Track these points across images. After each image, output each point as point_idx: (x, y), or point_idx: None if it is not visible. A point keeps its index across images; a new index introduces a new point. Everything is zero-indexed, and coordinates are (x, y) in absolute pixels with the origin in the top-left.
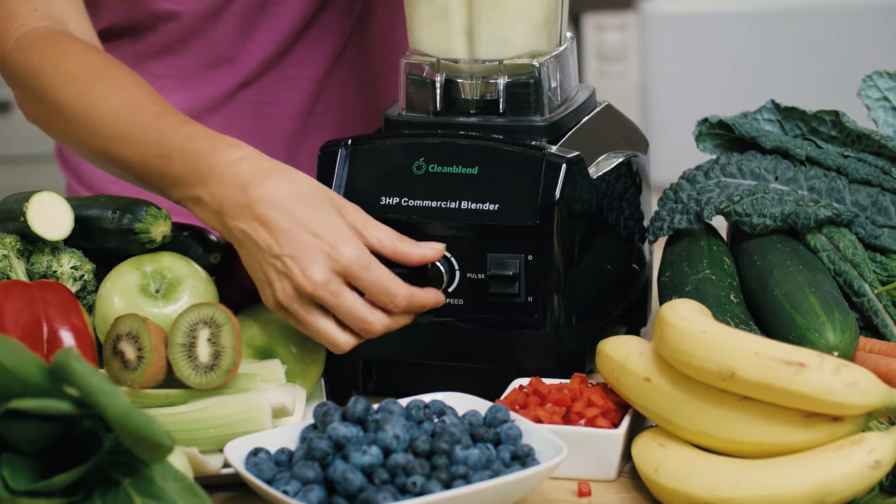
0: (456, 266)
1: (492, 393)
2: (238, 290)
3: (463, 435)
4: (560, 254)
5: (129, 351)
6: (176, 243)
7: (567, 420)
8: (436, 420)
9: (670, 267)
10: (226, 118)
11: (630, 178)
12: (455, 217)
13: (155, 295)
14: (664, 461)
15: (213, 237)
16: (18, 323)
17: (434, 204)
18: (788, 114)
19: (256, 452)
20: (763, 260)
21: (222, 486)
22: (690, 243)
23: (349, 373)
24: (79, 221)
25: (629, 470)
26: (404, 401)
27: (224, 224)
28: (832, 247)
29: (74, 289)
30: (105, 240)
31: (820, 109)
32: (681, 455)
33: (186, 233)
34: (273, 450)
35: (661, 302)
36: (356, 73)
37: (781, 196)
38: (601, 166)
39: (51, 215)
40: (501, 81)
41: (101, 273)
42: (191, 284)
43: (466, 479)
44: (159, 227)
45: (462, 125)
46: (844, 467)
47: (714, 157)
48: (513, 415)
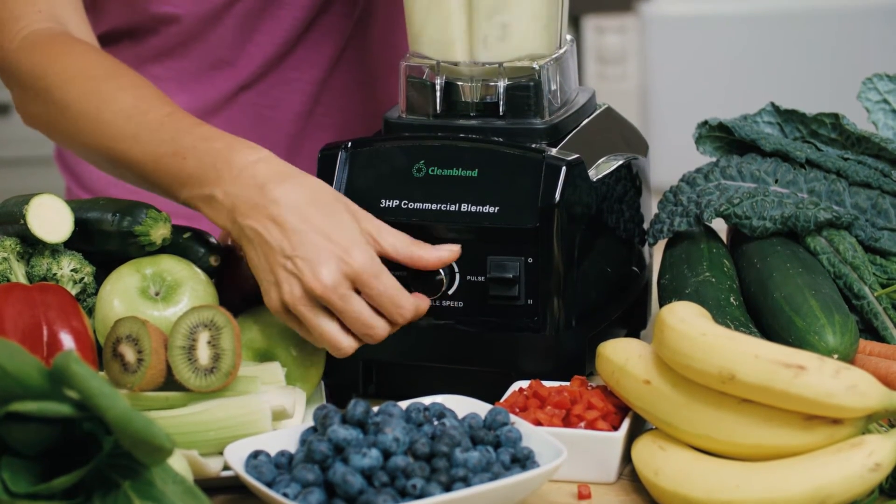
0: (456, 269)
1: (492, 395)
2: (238, 293)
3: (463, 437)
4: (560, 256)
5: (129, 353)
6: (176, 246)
7: (567, 423)
8: (436, 423)
9: (670, 269)
10: (226, 120)
11: (630, 181)
12: (455, 220)
13: (155, 297)
14: (664, 464)
15: (214, 240)
16: (18, 325)
17: (434, 206)
18: (788, 116)
19: (256, 455)
20: (763, 262)
21: (222, 489)
22: (690, 246)
23: (349, 375)
24: (79, 224)
25: (629, 472)
26: (404, 403)
27: (235, 222)
28: (832, 249)
29: (74, 291)
30: (105, 242)
31: (820, 112)
32: (681, 458)
33: (186, 235)
34: (273, 452)
35: (661, 304)
36: (356, 76)
37: (781, 199)
38: (601, 169)
39: (51, 218)
40: (501, 84)
41: (101, 276)
42: (191, 287)
43: (466, 482)
44: (159, 230)
45: (462, 128)
46: (844, 470)
47: (714, 160)
48: (513, 417)
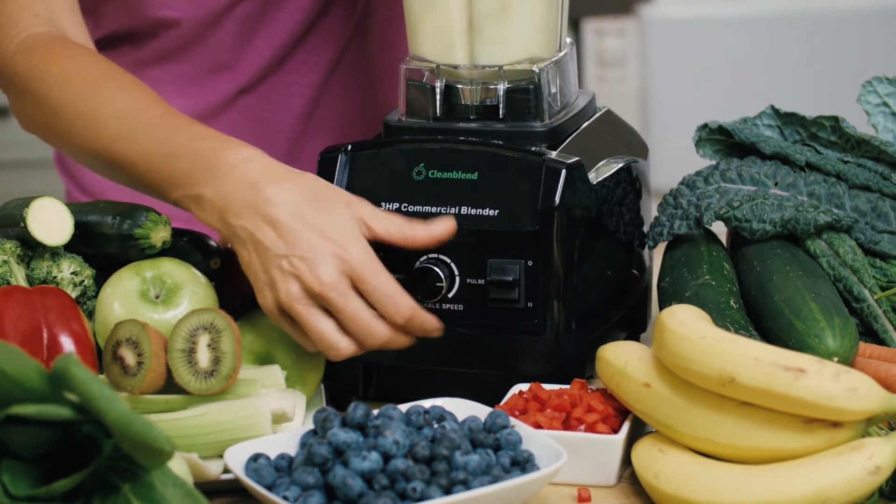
0: (456, 272)
1: (491, 398)
2: (238, 296)
3: (463, 440)
4: (560, 259)
5: (129, 356)
6: (176, 249)
7: (567, 426)
8: (435, 426)
9: (670, 272)
10: (225, 124)
11: (630, 184)
12: (455, 222)
13: (155, 300)
14: (664, 467)
15: (213, 242)
16: (18, 328)
17: (434, 209)
18: (788, 119)
19: (256, 458)
20: (763, 265)
21: (222, 492)
22: (690, 249)
23: (349, 378)
24: (79, 227)
25: (629, 475)
26: (404, 406)
27: (226, 223)
28: (832, 252)
29: (74, 294)
30: (105, 245)
31: (819, 115)
32: (681, 461)
33: (186, 238)
34: (273, 455)
35: (661, 307)
36: (356, 79)
37: (781, 202)
38: (601, 172)
39: (51, 221)
40: (501, 87)
41: (101, 278)
42: (191, 290)
43: (466, 485)
44: (159, 233)
45: (462, 131)
46: (844, 473)
47: (714, 163)
48: (512, 420)
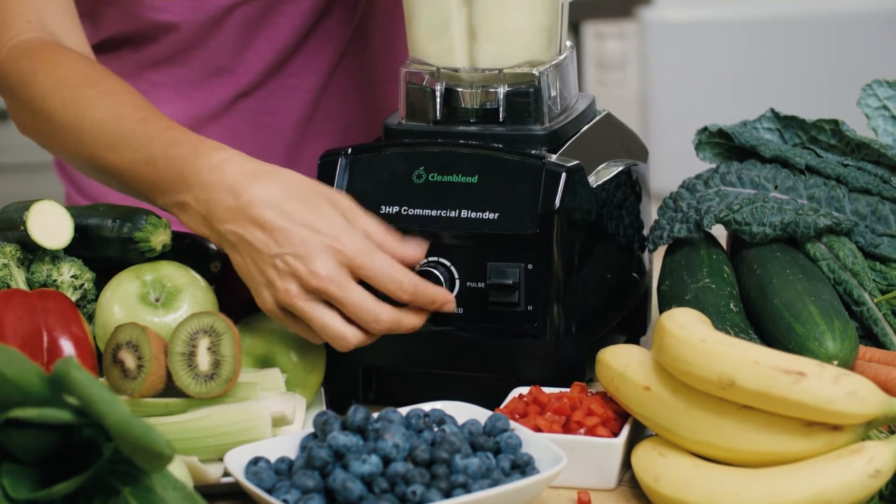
0: (456, 275)
1: (491, 402)
2: (238, 299)
3: (463, 444)
4: (560, 263)
5: (129, 360)
6: (176, 252)
7: (567, 429)
8: (435, 429)
9: (670, 276)
10: (225, 128)
11: (630, 187)
12: (455, 226)
13: (155, 304)
14: (664, 470)
15: (213, 246)
16: (18, 332)
17: (434, 213)
18: (788, 123)
19: (256, 461)
20: (763, 269)
21: (222, 495)
22: (690, 252)
23: (349, 381)
24: (79, 230)
25: (629, 479)
26: (404, 410)
27: (213, 228)
28: (832, 256)
29: (74, 298)
30: (105, 249)
31: (819, 118)
32: (680, 464)
33: (186, 242)
34: (273, 459)
35: (661, 311)
36: (355, 82)
37: (781, 205)
38: (601, 175)
39: (51, 224)
40: (501, 90)
41: (101, 282)
42: (190, 293)
43: (466, 488)
44: (159, 236)
45: (462, 134)
46: (844, 476)
47: (714, 166)
48: (512, 424)
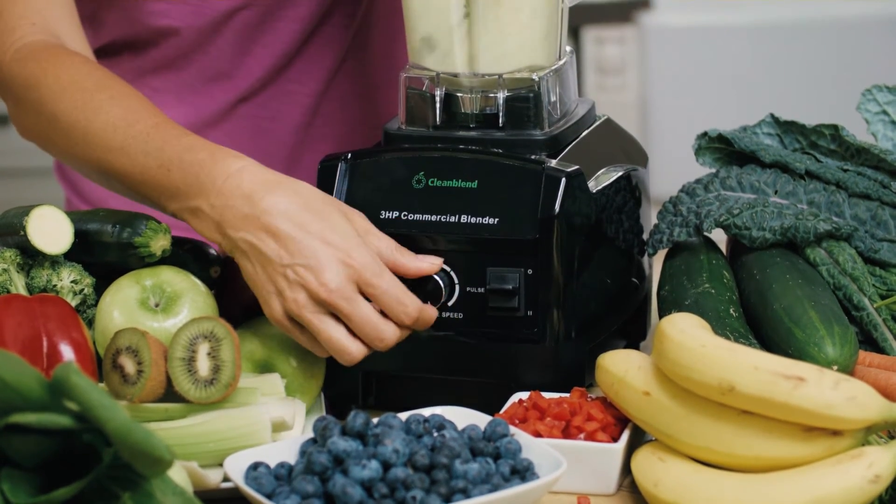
0: (455, 280)
1: (491, 407)
2: (238, 304)
3: (462, 449)
4: (560, 268)
5: (129, 365)
6: (175, 257)
7: (566, 434)
8: (435, 434)
9: (670, 280)
10: (225, 133)
11: (629, 192)
12: (454, 231)
13: (154, 309)
14: (664, 475)
15: (213, 251)
16: (18, 337)
17: (434, 218)
18: (788, 127)
19: (256, 466)
20: (762, 274)
21: (222, 501)
22: (690, 257)
23: (349, 387)
24: (78, 235)
25: (629, 484)
26: (404, 415)
27: (226, 235)
28: (831, 261)
29: (74, 303)
30: (105, 254)
31: (819, 123)
32: (680, 469)
33: (186, 247)
34: (273, 464)
35: (661, 316)
36: (355, 88)
37: (781, 210)
38: (601, 180)
39: (51, 229)
40: (501, 95)
41: (101, 287)
42: (190, 298)
43: (466, 494)
44: (159, 241)
45: (462, 139)
46: (844, 481)
47: (714, 171)
48: (512, 429)
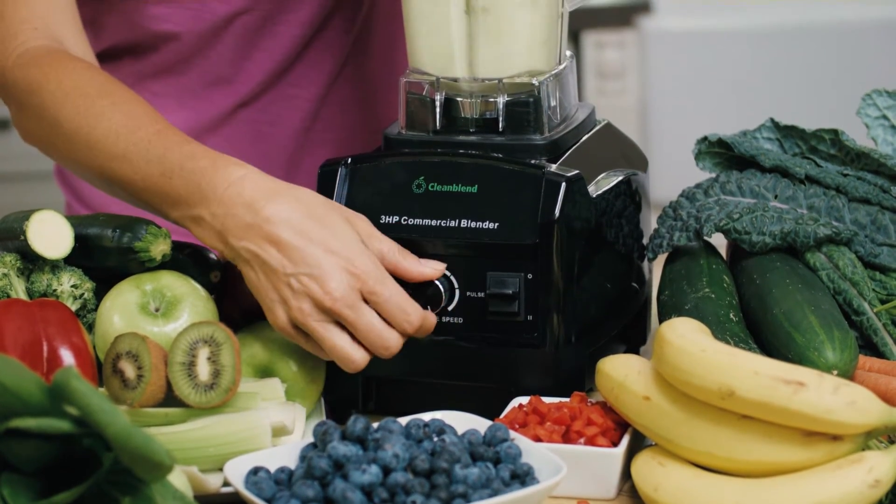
0: (455, 284)
1: (491, 411)
2: (238, 309)
3: (462, 454)
4: (560, 272)
5: (129, 370)
6: (176, 262)
7: (566, 439)
8: (435, 439)
9: (670, 285)
10: (225, 137)
11: (629, 197)
12: (454, 236)
13: (155, 313)
14: (664, 480)
15: (213, 256)
16: (18, 341)
17: (434, 222)
18: (788, 132)
19: (256, 471)
20: (762, 278)
21: None
22: (690, 261)
23: (349, 391)
24: (79, 240)
25: (629, 489)
26: (404, 419)
27: (228, 244)
28: (831, 265)
29: (74, 307)
30: (105, 258)
31: (819, 128)
32: (680, 474)
33: (186, 251)
34: (273, 469)
35: (661, 320)
36: (355, 92)
37: (781, 214)
38: (601, 185)
39: (51, 234)
40: (501, 100)
41: (101, 292)
42: (190, 303)
43: (466, 498)
44: (159, 246)
45: (462, 144)
46: (844, 486)
47: (714, 176)
48: (512, 433)
